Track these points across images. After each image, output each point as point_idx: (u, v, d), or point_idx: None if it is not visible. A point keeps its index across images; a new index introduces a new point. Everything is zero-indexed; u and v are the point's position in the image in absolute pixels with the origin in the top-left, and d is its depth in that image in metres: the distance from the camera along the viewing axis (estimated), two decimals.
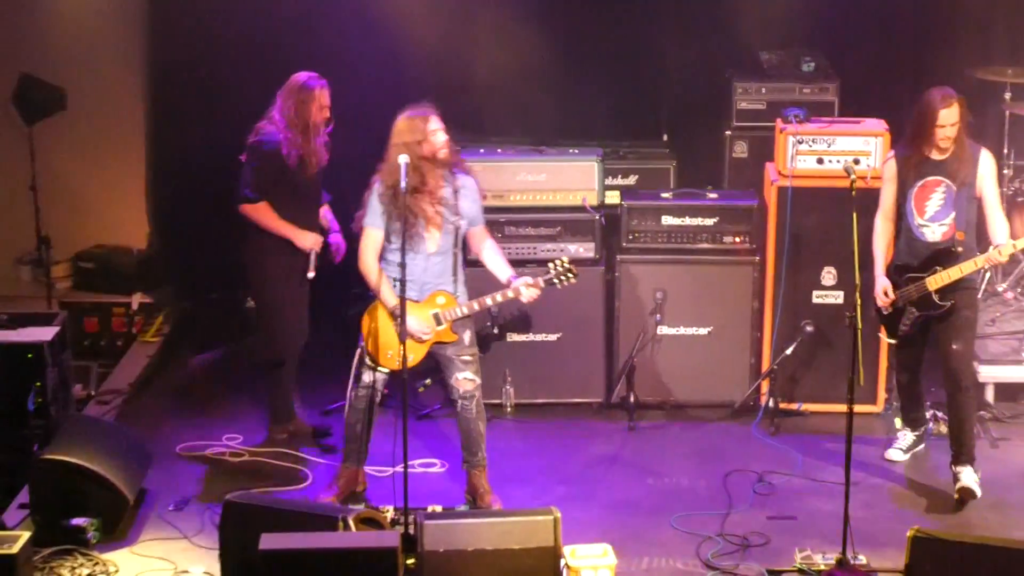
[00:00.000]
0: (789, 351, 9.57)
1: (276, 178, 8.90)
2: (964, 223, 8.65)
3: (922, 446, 9.20)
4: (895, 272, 8.80)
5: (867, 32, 11.22)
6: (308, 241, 8.99)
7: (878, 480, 8.90)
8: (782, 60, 11.02)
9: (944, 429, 9.28)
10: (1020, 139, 10.79)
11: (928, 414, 9.45)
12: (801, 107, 10.00)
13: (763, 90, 10.81)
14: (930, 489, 8.83)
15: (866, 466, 8.99)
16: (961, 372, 8.67)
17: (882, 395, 9.70)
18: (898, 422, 9.40)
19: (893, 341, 8.94)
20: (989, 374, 9.76)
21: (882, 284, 8.76)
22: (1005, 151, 10.74)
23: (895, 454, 9.15)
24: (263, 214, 8.95)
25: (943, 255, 8.66)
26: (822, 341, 9.62)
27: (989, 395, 9.78)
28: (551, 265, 8.41)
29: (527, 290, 8.28)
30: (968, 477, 8.65)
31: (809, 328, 9.60)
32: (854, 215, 8.06)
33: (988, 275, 10.63)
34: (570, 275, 8.38)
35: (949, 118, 8.51)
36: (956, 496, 8.60)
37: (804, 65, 10.89)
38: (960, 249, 8.63)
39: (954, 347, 8.65)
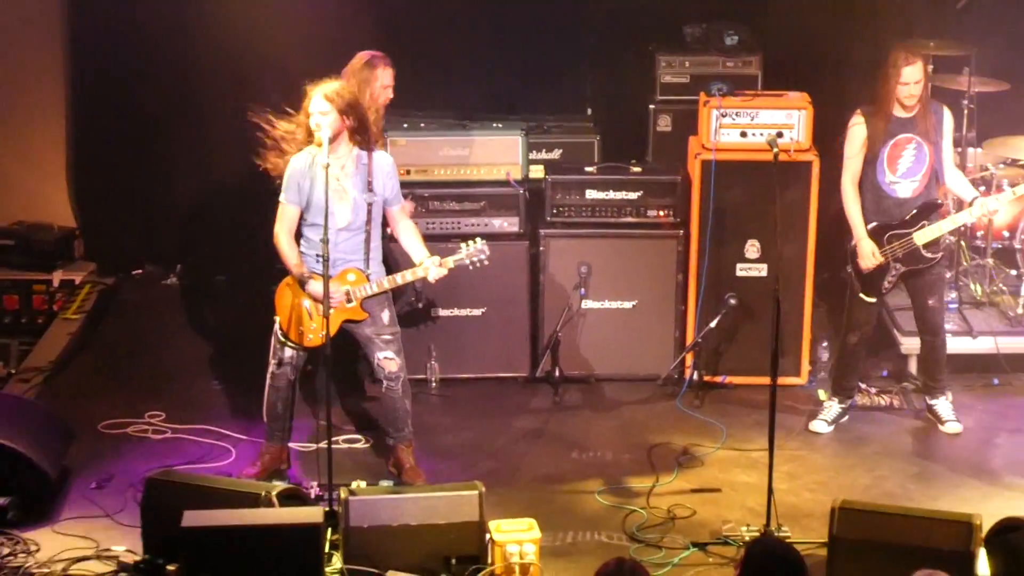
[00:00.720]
0: (713, 324, 9.59)
1: None
2: (940, 178, 8.89)
3: (846, 418, 9.26)
4: (872, 234, 8.89)
5: (790, 5, 11.23)
6: None
7: (802, 452, 8.94)
8: (705, 33, 11.01)
9: (870, 401, 9.49)
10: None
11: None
12: (724, 80, 10.01)
13: (687, 64, 10.82)
14: (854, 460, 8.88)
15: (791, 438, 9.03)
16: (937, 324, 9.12)
17: (806, 367, 9.74)
18: (823, 394, 9.46)
19: (873, 299, 9.02)
20: (913, 346, 9.81)
21: (868, 247, 8.87)
22: None
23: (820, 426, 9.20)
24: None
25: (927, 209, 8.83)
26: (746, 314, 9.65)
27: (912, 366, 9.84)
28: (463, 245, 8.39)
29: (436, 269, 8.25)
30: (945, 408, 9.15)
31: (733, 301, 9.62)
32: (776, 189, 8.13)
33: None
34: (483, 255, 8.37)
35: (912, 75, 8.70)
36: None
37: (727, 38, 10.90)
38: (944, 203, 8.97)
39: (930, 303, 9.00)
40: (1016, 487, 8.54)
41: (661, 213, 9.80)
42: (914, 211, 8.85)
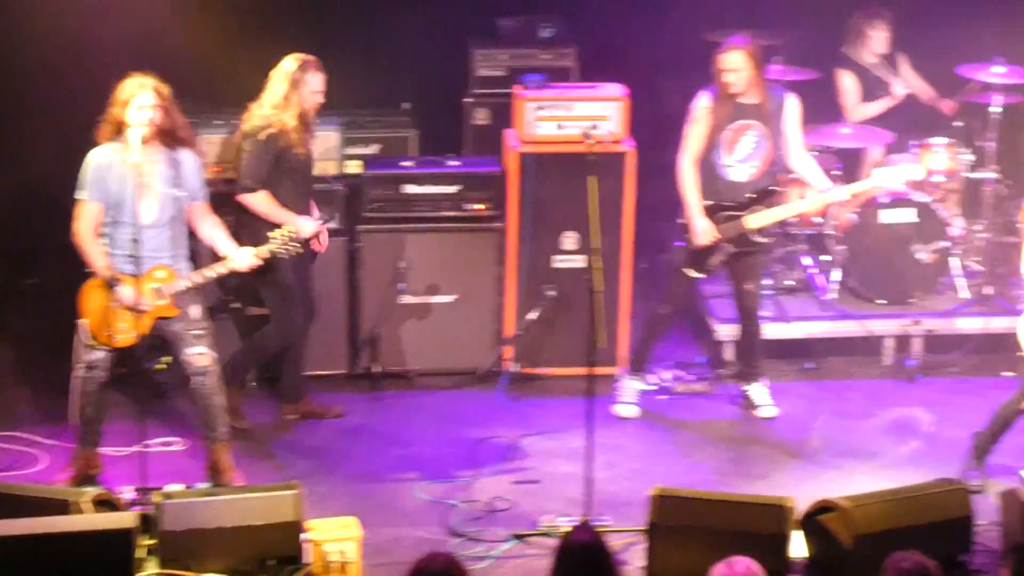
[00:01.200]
0: (532, 316, 9.60)
1: (274, 165, 8.72)
2: (776, 165, 9.02)
3: (664, 397, 9.33)
4: (706, 212, 8.98)
5: None
6: (308, 228, 8.77)
7: (621, 440, 8.99)
8: (520, 26, 11.04)
9: (687, 388, 9.61)
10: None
11: (670, 375, 9.64)
12: (540, 73, 10.03)
13: (502, 56, 10.84)
14: (672, 447, 8.96)
15: (609, 427, 9.05)
16: (753, 308, 9.27)
17: (623, 356, 9.80)
18: (627, 379, 9.51)
19: (701, 275, 9.11)
20: (728, 333, 9.92)
21: (703, 224, 8.93)
22: None
23: (624, 409, 9.27)
24: (262, 203, 8.71)
25: (763, 195, 8.96)
26: (564, 305, 9.67)
27: (728, 353, 9.95)
28: (274, 235, 8.32)
29: (248, 258, 8.17)
30: (760, 393, 9.27)
31: (551, 293, 9.64)
32: (591, 180, 8.16)
33: None
34: (294, 244, 8.31)
35: (726, 63, 8.84)
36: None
37: (543, 31, 10.94)
38: (779, 189, 9.09)
39: (747, 287, 9.16)
40: (831, 469, 8.68)
41: (479, 206, 9.78)
42: (750, 195, 8.94)
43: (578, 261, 9.70)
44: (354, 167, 10.00)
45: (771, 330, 9.86)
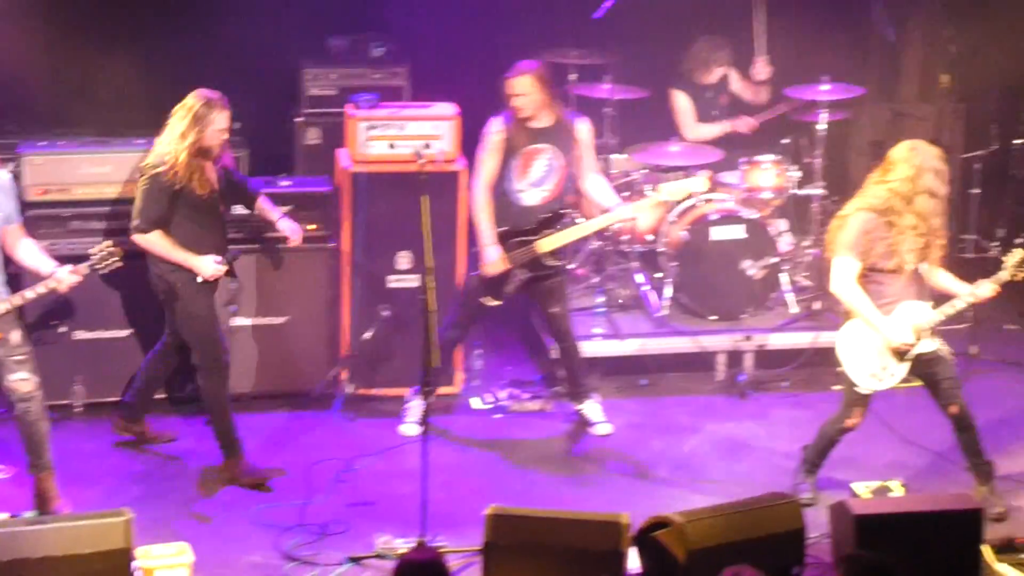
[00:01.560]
0: (367, 336, 9.54)
1: (168, 204, 8.44)
2: (568, 188, 9.05)
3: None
4: (499, 239, 8.99)
5: (437, 16, 11.29)
6: (207, 268, 8.50)
7: (458, 460, 8.97)
8: (352, 45, 11.00)
9: (522, 407, 9.65)
10: (585, 114, 11.00)
11: (505, 393, 9.65)
12: (372, 92, 9.99)
13: (333, 76, 10.80)
14: (509, 466, 8.95)
15: (445, 448, 9.04)
16: (565, 329, 9.27)
17: (459, 376, 9.78)
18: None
19: (498, 303, 9.08)
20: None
21: (494, 253, 8.95)
22: None
23: (408, 428, 9.24)
24: (156, 244, 8.47)
25: (553, 218, 9.00)
26: (399, 325, 9.63)
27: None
28: (93, 250, 8.18)
29: (68, 276, 8.00)
30: (594, 410, 9.30)
31: (386, 313, 9.59)
32: (424, 199, 8.13)
33: None
34: (113, 258, 8.17)
35: (515, 88, 8.91)
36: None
37: (374, 50, 10.90)
38: (568, 212, 9.16)
39: (554, 311, 9.18)
40: (666, 484, 8.74)
41: (311, 227, 9.69)
42: (541, 218, 8.97)
43: (412, 281, 9.66)
44: None
45: (605, 347, 9.93)
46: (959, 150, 11.61)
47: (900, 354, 8.14)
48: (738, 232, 10.24)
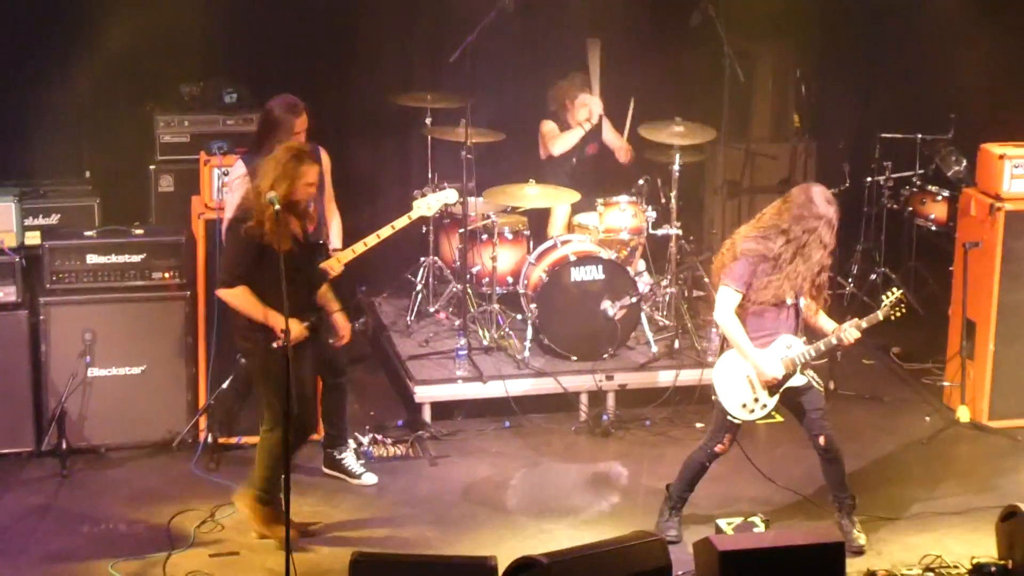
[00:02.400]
0: (225, 385, 9.42)
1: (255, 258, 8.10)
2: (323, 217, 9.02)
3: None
4: None
5: (288, 62, 11.26)
6: (294, 331, 8.01)
7: (321, 507, 8.86)
8: (203, 92, 10.92)
9: (386, 451, 9.58)
10: (442, 161, 11.04)
11: (367, 438, 9.59)
12: (225, 139, 9.91)
13: (186, 123, 10.72)
14: (373, 511, 8.87)
15: (308, 494, 8.93)
16: (341, 362, 9.04)
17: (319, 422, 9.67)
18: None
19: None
20: (425, 394, 9.92)
21: None
22: (430, 174, 10.98)
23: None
24: (241, 300, 8.19)
25: (319, 248, 8.78)
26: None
27: (426, 414, 9.94)
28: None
29: None
30: (351, 461, 9.18)
31: (244, 360, 9.44)
32: (279, 244, 8.05)
33: (419, 297, 10.88)
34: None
35: (304, 124, 8.95)
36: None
37: (226, 97, 10.83)
38: (328, 243, 9.00)
39: (332, 341, 8.90)
40: (530, 526, 8.71)
41: (167, 275, 9.57)
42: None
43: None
44: (34, 238, 9.67)
45: (467, 390, 9.90)
46: None
47: (770, 387, 8.22)
48: (596, 273, 10.28)
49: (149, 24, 10.99)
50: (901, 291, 8.34)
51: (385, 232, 8.96)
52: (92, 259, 9.49)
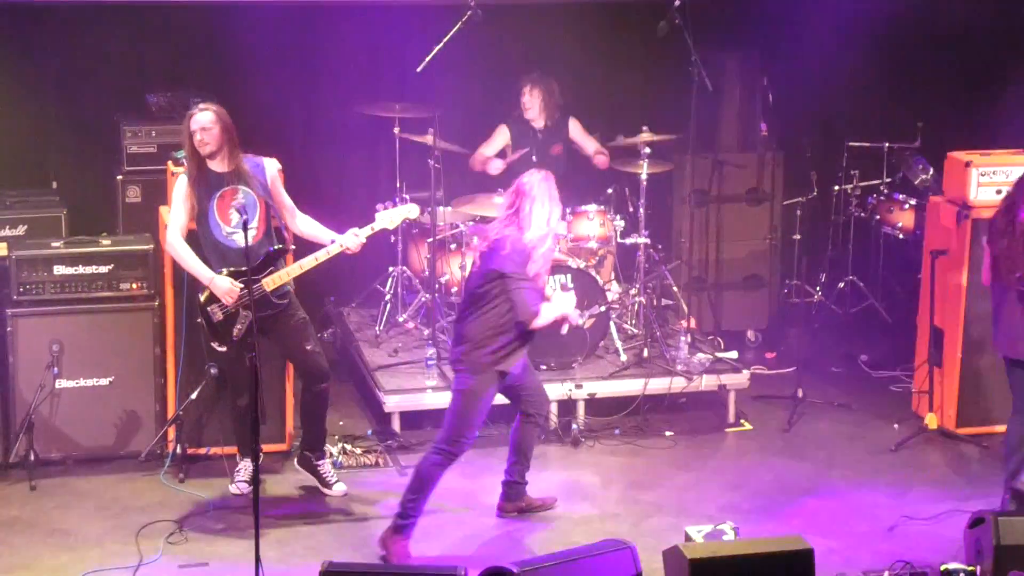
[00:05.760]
0: (194, 396, 9.38)
1: None
2: (273, 224, 8.98)
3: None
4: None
5: (257, 72, 11.24)
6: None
7: (291, 520, 8.83)
8: (171, 102, 10.88)
9: (356, 461, 9.59)
10: (410, 170, 11.00)
11: (337, 448, 9.56)
12: None
13: (152, 133, 10.70)
14: (343, 522, 8.85)
15: (280, 506, 8.93)
16: (321, 368, 9.01)
17: (290, 432, 9.65)
18: (239, 458, 9.34)
19: (224, 348, 8.95)
20: (395, 403, 9.91)
21: (225, 283, 8.77)
22: (398, 184, 10.95)
23: (242, 487, 9.10)
24: None
25: (271, 256, 8.84)
26: (227, 383, 9.47)
27: (396, 424, 9.92)
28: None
29: None
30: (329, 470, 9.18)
31: (213, 371, 9.40)
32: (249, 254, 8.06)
33: (388, 307, 10.87)
34: None
35: (198, 124, 8.93)
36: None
37: (193, 106, 10.75)
38: (285, 247, 9.00)
39: (308, 348, 8.98)
40: (502, 534, 8.73)
41: (134, 285, 9.54)
42: (261, 258, 8.83)
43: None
44: (0, 250, 9.63)
45: (436, 399, 9.88)
46: (780, 197, 11.84)
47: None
48: (566, 282, 10.27)
49: (115, 34, 10.99)
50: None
51: (346, 242, 8.96)
52: (59, 270, 9.45)
